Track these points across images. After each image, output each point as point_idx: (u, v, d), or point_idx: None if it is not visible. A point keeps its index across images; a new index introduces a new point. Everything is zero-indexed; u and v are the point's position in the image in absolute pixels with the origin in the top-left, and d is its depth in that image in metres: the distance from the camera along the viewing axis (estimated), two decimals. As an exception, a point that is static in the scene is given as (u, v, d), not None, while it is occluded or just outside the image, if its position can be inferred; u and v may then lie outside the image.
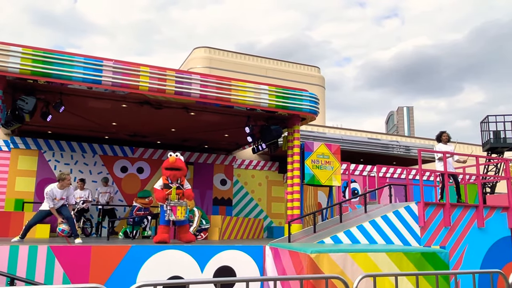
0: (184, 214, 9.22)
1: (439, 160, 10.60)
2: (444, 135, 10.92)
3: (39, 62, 8.31)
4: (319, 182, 11.55)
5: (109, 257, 7.50)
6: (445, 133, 10.97)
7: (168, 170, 9.30)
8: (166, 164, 9.37)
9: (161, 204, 9.35)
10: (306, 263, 6.86)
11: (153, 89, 9.17)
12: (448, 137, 10.92)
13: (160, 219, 9.37)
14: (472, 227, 9.98)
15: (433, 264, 7.55)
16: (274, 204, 16.63)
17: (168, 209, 9.11)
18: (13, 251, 6.98)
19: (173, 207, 9.08)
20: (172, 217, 9.07)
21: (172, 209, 9.08)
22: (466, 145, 23.40)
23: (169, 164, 9.31)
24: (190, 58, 22.28)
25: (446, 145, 10.87)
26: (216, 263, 8.17)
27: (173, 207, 9.08)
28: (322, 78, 24.52)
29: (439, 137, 11.03)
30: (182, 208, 9.16)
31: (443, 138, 10.91)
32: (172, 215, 9.07)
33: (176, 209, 9.08)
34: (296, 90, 10.76)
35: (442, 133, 10.98)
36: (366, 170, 16.95)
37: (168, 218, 9.12)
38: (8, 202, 12.82)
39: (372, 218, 9.12)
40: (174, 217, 9.06)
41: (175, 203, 9.11)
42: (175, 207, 9.08)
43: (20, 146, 13.24)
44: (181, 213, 9.12)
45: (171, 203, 9.10)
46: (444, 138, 10.89)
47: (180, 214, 9.10)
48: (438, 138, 11.08)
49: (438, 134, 11.12)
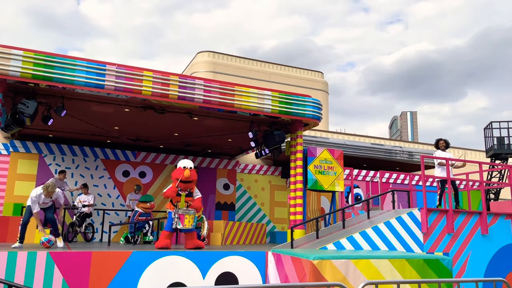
0: (192, 223, 9.12)
1: (438, 165, 10.61)
2: (440, 142, 11.03)
3: (41, 66, 8.30)
4: (322, 188, 11.50)
5: (109, 263, 7.43)
6: (441, 140, 11.08)
7: (182, 183, 9.13)
8: (181, 177, 9.09)
9: (169, 211, 9.25)
10: (309, 270, 6.81)
11: (156, 93, 9.15)
12: (445, 143, 10.98)
13: (166, 225, 9.27)
14: (475, 234, 9.89)
15: (436, 271, 7.47)
16: (277, 209, 16.56)
17: (176, 217, 9.03)
18: (11, 257, 6.91)
19: (181, 216, 9.01)
20: (179, 225, 8.99)
21: (180, 218, 9.01)
22: (469, 151, 23.27)
23: (185, 178, 9.11)
24: (194, 62, 22.28)
25: (445, 152, 10.90)
26: (218, 269, 8.11)
27: (181, 215, 9.00)
28: (325, 83, 24.49)
29: (436, 145, 11.11)
30: (190, 216, 9.07)
31: (440, 145, 10.98)
32: (179, 223, 8.99)
33: (184, 217, 9.00)
34: (299, 96, 10.73)
35: (439, 141, 11.11)
36: (369, 176, 16.87)
37: (176, 226, 9.04)
38: (7, 206, 12.75)
39: (375, 224, 9.05)
40: (182, 226, 8.99)
41: (183, 211, 9.02)
42: (183, 216, 9.00)
43: (20, 149, 13.19)
44: (188, 221, 9.03)
45: (179, 211, 9.02)
46: (441, 145, 10.96)
47: (187, 222, 9.01)
48: (436, 146, 11.16)
49: (435, 142, 11.22)
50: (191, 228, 9.22)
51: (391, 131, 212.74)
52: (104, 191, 13.87)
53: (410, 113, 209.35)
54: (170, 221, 9.15)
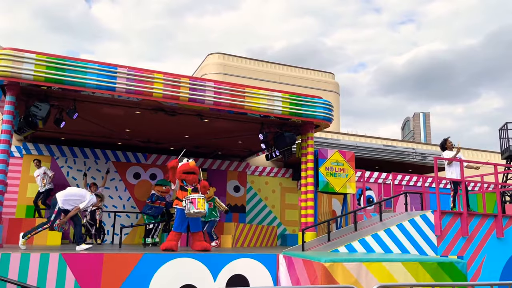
0: (205, 206, 8.74)
1: (449, 166, 10.34)
2: (448, 142, 10.67)
3: (53, 69, 8.36)
4: (333, 190, 11.42)
5: (121, 265, 7.45)
6: (448, 139, 10.73)
7: (189, 174, 9.09)
8: (186, 168, 9.10)
9: (177, 208, 9.02)
10: (320, 272, 6.74)
11: (167, 96, 9.17)
12: (452, 143, 10.68)
13: (174, 225, 9.16)
14: (490, 236, 9.74)
15: (450, 274, 7.35)
16: (288, 211, 16.49)
17: (188, 202, 8.66)
18: (24, 259, 6.96)
19: (193, 200, 8.65)
20: (193, 209, 8.57)
21: (192, 202, 8.65)
22: (484, 152, 22.97)
23: (189, 168, 9.10)
24: (204, 64, 22.32)
25: (452, 151, 10.60)
26: (229, 271, 8.08)
27: (193, 199, 8.66)
28: (336, 84, 24.37)
29: (443, 145, 10.76)
30: (202, 200, 8.72)
31: (448, 145, 10.65)
32: (192, 207, 8.59)
33: (196, 201, 8.64)
34: (310, 97, 10.66)
35: (446, 140, 10.71)
36: (381, 178, 16.72)
37: (189, 211, 8.62)
38: (20, 208, 12.85)
39: (387, 227, 8.96)
40: (196, 209, 8.57)
41: (194, 196, 8.73)
42: (194, 199, 8.65)
43: (33, 152, 13.30)
44: (201, 205, 8.67)
45: (190, 196, 8.74)
46: (449, 144, 10.65)
47: (201, 206, 8.64)
48: (443, 146, 10.81)
49: (442, 142, 10.84)
50: (198, 227, 9.12)
51: (404, 132, 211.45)
52: (115, 193, 13.92)
53: (423, 114, 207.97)
54: (178, 220, 8.99)
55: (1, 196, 8.41)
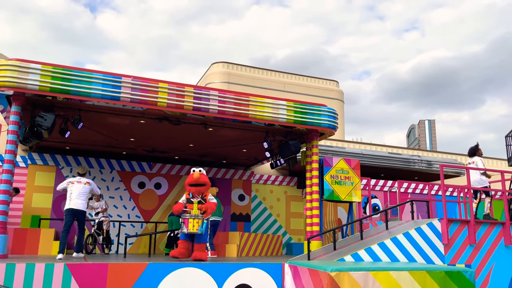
0: (197, 227, 8.87)
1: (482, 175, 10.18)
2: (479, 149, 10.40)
3: (58, 79, 8.39)
4: (339, 198, 11.36)
5: (126, 275, 7.42)
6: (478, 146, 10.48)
7: (193, 187, 9.16)
8: (190, 180, 9.18)
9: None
10: (326, 282, 6.68)
11: (172, 105, 9.18)
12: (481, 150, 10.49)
13: (181, 234, 9.22)
14: (498, 245, 9.63)
15: (458, 283, 7.26)
16: (293, 220, 16.41)
17: (181, 221, 8.95)
18: (29, 269, 6.95)
19: (185, 220, 8.88)
20: (184, 229, 8.87)
21: (184, 222, 8.89)
22: (490, 159, 22.82)
23: (193, 180, 9.15)
24: (208, 73, 22.39)
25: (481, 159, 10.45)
26: (234, 281, 8.03)
27: (185, 219, 8.87)
28: (341, 92, 24.37)
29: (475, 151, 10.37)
30: (194, 221, 8.86)
31: (479, 152, 10.36)
32: (184, 227, 8.88)
33: (188, 221, 8.85)
34: (314, 105, 10.65)
35: (477, 146, 10.39)
36: (387, 186, 16.63)
37: (182, 231, 8.95)
38: (25, 218, 12.85)
39: (393, 235, 8.87)
40: (186, 230, 8.84)
41: (189, 216, 8.90)
42: (186, 220, 8.86)
43: (38, 162, 13.34)
44: (193, 226, 8.83)
45: (184, 216, 8.92)
46: (481, 151, 10.40)
47: (191, 227, 8.82)
48: (474, 153, 10.40)
49: (474, 148, 10.46)
50: (203, 237, 9.10)
51: (409, 140, 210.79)
52: (120, 202, 13.92)
53: (428, 121, 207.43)
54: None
55: (6, 206, 8.41)
